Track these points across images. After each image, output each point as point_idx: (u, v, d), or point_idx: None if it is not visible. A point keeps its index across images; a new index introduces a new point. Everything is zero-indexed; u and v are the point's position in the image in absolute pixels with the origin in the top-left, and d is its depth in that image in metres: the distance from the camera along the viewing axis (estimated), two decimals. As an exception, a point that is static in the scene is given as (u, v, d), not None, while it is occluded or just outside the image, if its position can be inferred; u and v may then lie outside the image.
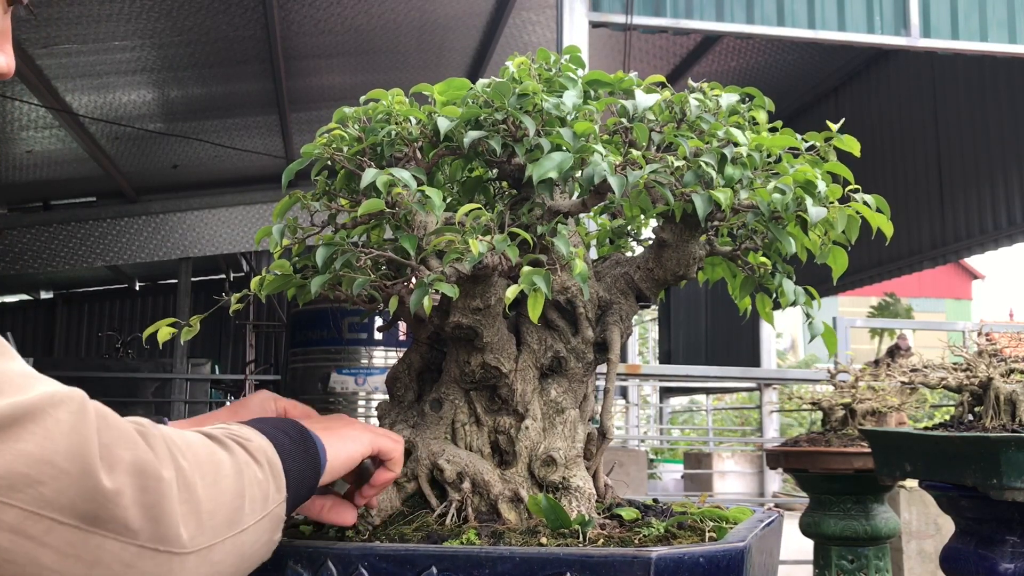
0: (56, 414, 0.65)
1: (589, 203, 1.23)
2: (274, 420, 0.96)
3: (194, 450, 0.76)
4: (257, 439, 0.86)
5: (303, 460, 0.92)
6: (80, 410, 0.67)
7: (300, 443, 0.93)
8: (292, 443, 0.91)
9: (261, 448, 0.85)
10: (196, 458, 0.75)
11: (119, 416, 0.71)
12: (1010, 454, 1.47)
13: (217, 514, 0.75)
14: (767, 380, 7.80)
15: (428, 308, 1.06)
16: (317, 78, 7.86)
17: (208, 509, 0.74)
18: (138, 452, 0.69)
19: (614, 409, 1.28)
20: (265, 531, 0.83)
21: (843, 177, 1.25)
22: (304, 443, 0.94)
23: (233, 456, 0.80)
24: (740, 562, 0.95)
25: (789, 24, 5.56)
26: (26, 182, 9.01)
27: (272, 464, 0.85)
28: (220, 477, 0.77)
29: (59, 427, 0.64)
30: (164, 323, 1.23)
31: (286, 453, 0.89)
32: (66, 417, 0.65)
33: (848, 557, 2.60)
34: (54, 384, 0.68)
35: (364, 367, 6.27)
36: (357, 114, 1.28)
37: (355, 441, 1.02)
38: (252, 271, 12.73)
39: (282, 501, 0.86)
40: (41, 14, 5.70)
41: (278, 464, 0.86)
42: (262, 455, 0.84)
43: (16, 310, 15.01)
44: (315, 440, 0.96)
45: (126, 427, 0.70)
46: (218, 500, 0.75)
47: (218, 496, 0.75)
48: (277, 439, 0.89)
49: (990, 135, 8.73)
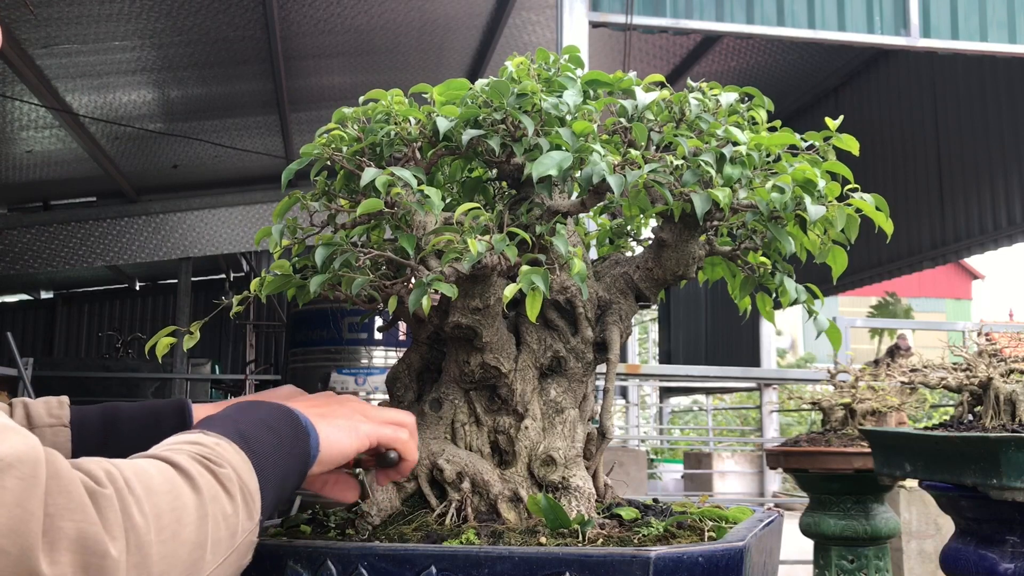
0: (3, 481, 0.62)
1: (588, 203, 1.23)
2: (268, 415, 0.94)
3: (154, 499, 0.72)
4: (233, 460, 0.83)
5: (289, 460, 0.91)
6: (31, 475, 0.63)
7: (290, 442, 0.92)
8: (280, 445, 0.90)
9: (234, 474, 0.82)
10: (156, 509, 0.72)
11: (72, 472, 0.67)
12: (1010, 454, 1.47)
13: (172, 572, 0.72)
14: (767, 380, 7.80)
15: (427, 308, 1.06)
16: (317, 78, 7.86)
17: (161, 570, 0.71)
18: (84, 524, 0.66)
19: (614, 409, 1.28)
20: (232, 565, 0.81)
21: (842, 176, 1.25)
22: (294, 439, 0.93)
23: (199, 497, 0.77)
24: (739, 562, 0.95)
25: (789, 24, 5.57)
26: (26, 182, 9.01)
27: (245, 490, 0.83)
28: (181, 527, 0.74)
29: (4, 496, 0.61)
30: (163, 334, 1.23)
31: (268, 462, 0.87)
32: (13, 485, 0.62)
33: (848, 557, 2.60)
34: (8, 438, 0.64)
35: (364, 367, 6.27)
36: (356, 114, 1.28)
37: (350, 434, 1.00)
38: (252, 271, 12.73)
39: (254, 527, 0.84)
40: (41, 14, 5.70)
41: (253, 488, 0.84)
42: (234, 483, 0.81)
43: (16, 310, 15.01)
44: (308, 432, 0.95)
45: (76, 489, 0.66)
46: (176, 555, 0.73)
47: (176, 551, 0.73)
48: (261, 442, 0.88)
49: (990, 135, 8.73)
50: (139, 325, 14.36)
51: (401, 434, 1.07)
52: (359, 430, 1.02)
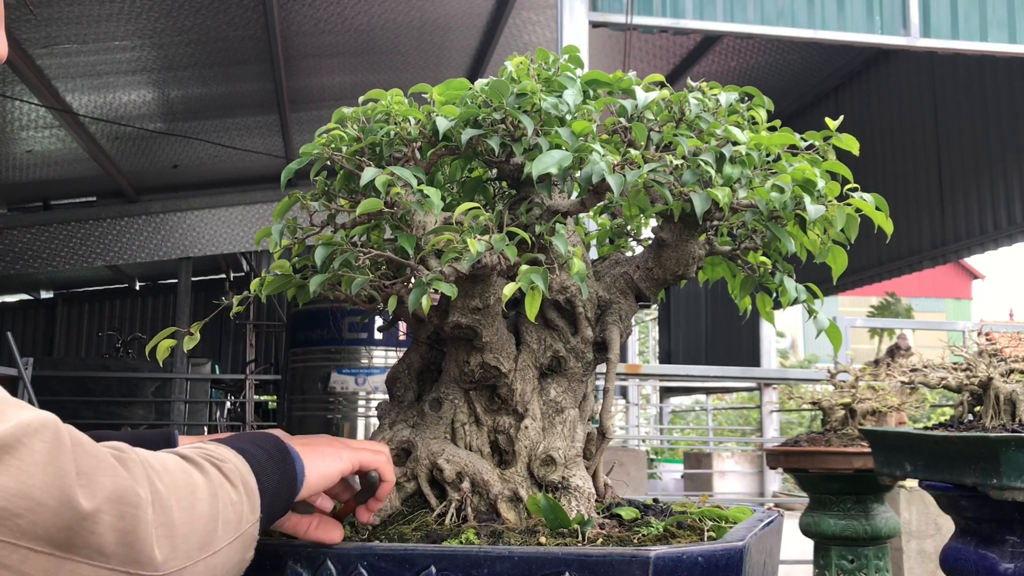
0: (31, 444, 0.66)
1: (588, 203, 1.23)
2: (253, 436, 0.97)
3: (171, 474, 0.78)
4: (232, 459, 0.88)
5: (280, 476, 0.93)
6: (55, 439, 0.68)
7: (278, 459, 0.94)
8: (269, 459, 0.93)
9: (236, 469, 0.87)
10: (172, 482, 0.77)
11: (94, 442, 0.72)
12: (1010, 454, 1.47)
13: (191, 537, 0.77)
14: (767, 380, 7.80)
15: (426, 308, 1.06)
16: (317, 78, 7.86)
17: (182, 532, 0.76)
18: (117, 479, 0.71)
19: (614, 409, 1.28)
20: (237, 551, 0.84)
21: (842, 176, 1.25)
22: (283, 459, 0.95)
23: (208, 479, 0.82)
24: (739, 561, 0.95)
25: (789, 24, 5.56)
26: (26, 182, 9.01)
27: (247, 485, 0.87)
28: (195, 500, 0.78)
29: (35, 457, 0.65)
30: (163, 335, 1.23)
31: (262, 470, 0.91)
32: (41, 447, 0.66)
33: (848, 557, 2.60)
34: (26, 410, 0.68)
35: (364, 367, 6.27)
36: (356, 114, 1.28)
37: (334, 458, 1.03)
38: (252, 271, 12.72)
39: (255, 521, 0.87)
40: (41, 14, 5.70)
41: (253, 484, 0.88)
42: (237, 476, 0.86)
43: (16, 310, 15.00)
44: (294, 456, 0.97)
45: (103, 453, 0.71)
46: (193, 523, 0.77)
47: (193, 519, 0.77)
48: (254, 456, 0.91)
49: (990, 135, 8.73)
50: (139, 325, 14.37)
51: (380, 457, 1.09)
52: (341, 455, 1.04)
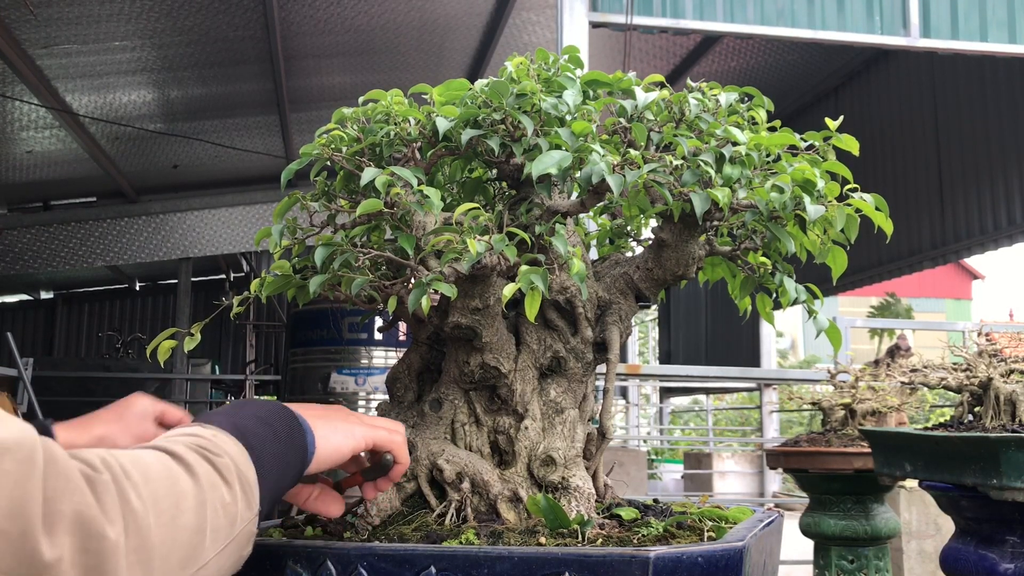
0: (2, 464, 0.62)
1: (588, 203, 1.23)
2: (260, 410, 0.94)
3: (152, 484, 0.73)
4: (230, 450, 0.84)
5: (286, 455, 0.91)
6: (28, 459, 0.64)
7: (285, 437, 0.92)
8: (275, 439, 0.91)
9: (232, 464, 0.82)
10: (153, 494, 0.72)
11: (69, 459, 0.68)
12: (1010, 454, 1.47)
13: (171, 556, 0.73)
14: (767, 380, 7.79)
15: (426, 308, 1.06)
16: (317, 78, 7.86)
17: (161, 553, 0.71)
18: (82, 506, 0.66)
19: (614, 409, 1.28)
20: (231, 555, 0.81)
21: (842, 176, 1.25)
22: (290, 436, 0.93)
23: (197, 484, 0.77)
24: (739, 562, 0.95)
25: (789, 24, 5.56)
26: (26, 182, 9.00)
27: (244, 480, 0.83)
28: (178, 513, 0.74)
29: (3, 479, 0.62)
30: (164, 337, 1.23)
31: (263, 455, 0.87)
32: (12, 468, 0.62)
33: (848, 557, 2.60)
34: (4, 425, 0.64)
35: (364, 367, 6.27)
36: (356, 114, 1.28)
37: (347, 434, 1.01)
38: (252, 271, 12.72)
39: (253, 517, 0.84)
40: (41, 14, 5.70)
41: (251, 478, 0.84)
42: (232, 473, 0.82)
43: (16, 310, 15.00)
44: (305, 429, 0.96)
45: (73, 474, 0.67)
46: (175, 539, 0.73)
47: (174, 535, 0.73)
48: (257, 437, 0.88)
49: (990, 135, 8.73)
50: (139, 325, 14.36)
51: (395, 437, 1.07)
52: (355, 432, 1.02)
